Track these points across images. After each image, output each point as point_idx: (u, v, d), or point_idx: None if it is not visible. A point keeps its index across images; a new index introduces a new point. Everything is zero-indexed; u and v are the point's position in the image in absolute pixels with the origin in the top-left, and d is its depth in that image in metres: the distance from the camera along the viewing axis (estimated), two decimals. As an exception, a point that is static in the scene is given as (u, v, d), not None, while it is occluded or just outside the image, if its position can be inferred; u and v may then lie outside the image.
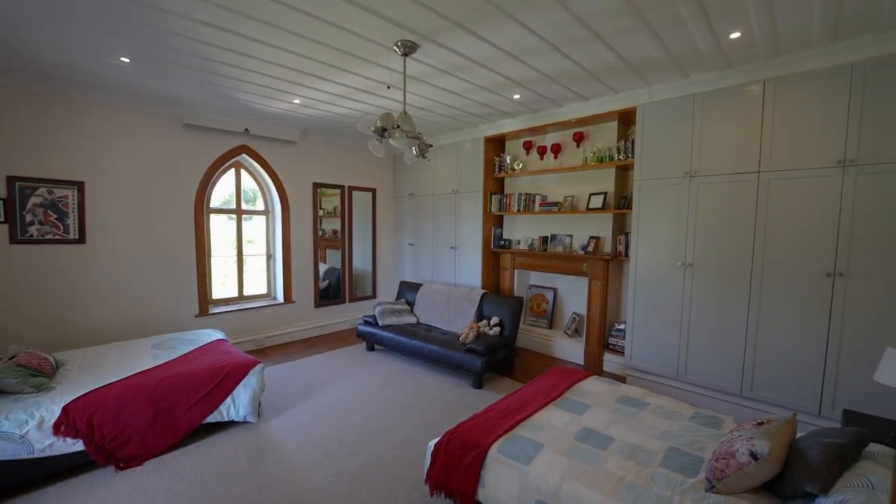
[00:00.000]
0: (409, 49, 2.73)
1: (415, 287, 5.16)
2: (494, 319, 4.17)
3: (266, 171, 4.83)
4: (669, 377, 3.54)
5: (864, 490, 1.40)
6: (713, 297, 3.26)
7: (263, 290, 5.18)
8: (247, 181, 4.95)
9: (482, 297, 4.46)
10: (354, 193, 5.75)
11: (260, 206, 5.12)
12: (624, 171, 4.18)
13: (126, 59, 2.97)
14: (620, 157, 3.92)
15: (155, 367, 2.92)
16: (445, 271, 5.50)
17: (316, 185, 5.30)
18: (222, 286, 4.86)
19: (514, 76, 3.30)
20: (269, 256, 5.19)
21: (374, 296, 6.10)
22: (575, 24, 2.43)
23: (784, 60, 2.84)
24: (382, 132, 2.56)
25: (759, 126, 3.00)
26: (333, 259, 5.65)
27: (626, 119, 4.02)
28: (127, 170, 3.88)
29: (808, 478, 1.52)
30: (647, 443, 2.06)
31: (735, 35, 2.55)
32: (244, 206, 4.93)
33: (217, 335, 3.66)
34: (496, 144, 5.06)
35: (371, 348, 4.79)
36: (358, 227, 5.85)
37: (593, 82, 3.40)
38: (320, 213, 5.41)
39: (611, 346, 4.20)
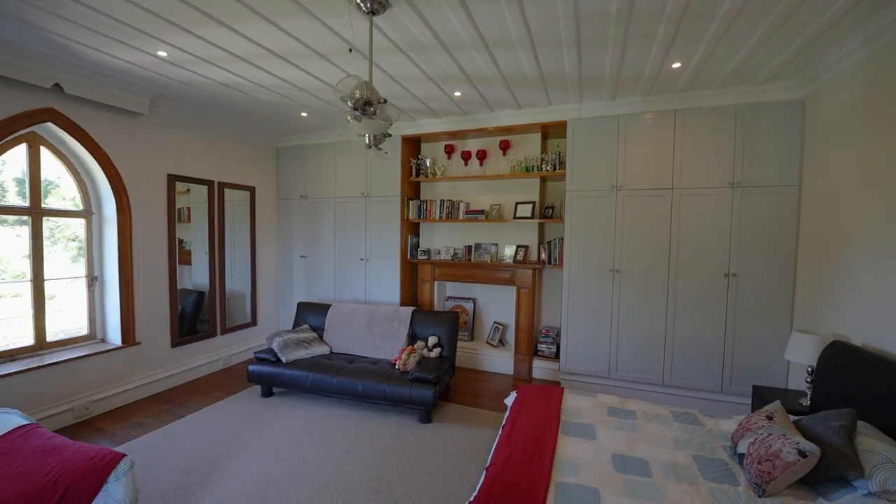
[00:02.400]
0: (378, 6, 2.12)
1: (320, 309, 4.25)
2: (432, 339, 3.73)
3: (90, 153, 3.21)
4: (602, 376, 3.78)
5: (892, 465, 1.60)
6: (638, 299, 3.62)
7: (82, 331, 3.44)
8: (48, 166, 3.20)
9: (413, 315, 3.95)
10: (227, 192, 4.43)
11: (70, 202, 3.39)
12: (548, 182, 4.34)
13: None
14: (547, 168, 4.04)
15: None
16: (353, 287, 4.74)
17: (172, 179, 3.84)
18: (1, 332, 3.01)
19: (470, 70, 3.00)
20: (94, 280, 3.48)
21: (253, 323, 4.82)
22: (566, 20, 2.29)
23: (690, 95, 3.35)
24: (365, 107, 1.89)
25: (671, 149, 3.46)
26: (187, 278, 4.17)
27: (548, 132, 4.18)
28: None
29: (846, 465, 1.67)
30: (673, 456, 2.02)
31: (676, 65, 2.86)
32: (46, 204, 3.17)
33: (15, 418, 2.16)
34: (412, 145, 4.64)
35: (268, 393, 3.69)
36: (231, 235, 4.52)
37: (537, 90, 3.38)
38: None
39: (539, 353, 4.28)
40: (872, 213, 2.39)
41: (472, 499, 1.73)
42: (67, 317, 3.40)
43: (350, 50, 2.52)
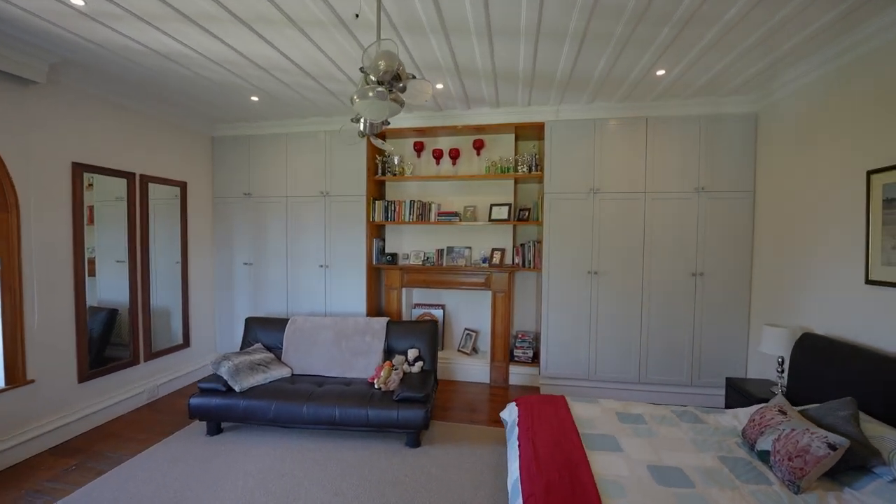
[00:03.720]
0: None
1: (275, 324, 3.68)
2: (413, 352, 3.41)
3: (-45, 129, 2.37)
4: (582, 378, 3.78)
5: (906, 451, 1.72)
6: (615, 300, 3.69)
7: (-60, 372, 2.52)
8: None
9: (387, 326, 3.59)
10: (152, 188, 3.64)
11: (-76, 198, 2.47)
12: (519, 184, 4.28)
13: None
14: (523, 169, 3.97)
15: None
16: (310, 298, 4.21)
17: (80, 168, 3.03)
18: None
19: (463, 60, 2.79)
20: (-41, 301, 2.57)
21: (185, 344, 4.03)
22: (581, 11, 2.20)
23: (660, 103, 3.51)
24: (393, 83, 1.55)
25: (643, 154, 3.59)
26: (90, 292, 3.29)
27: (522, 133, 4.11)
28: None
29: (868, 453, 1.76)
30: (700, 460, 2.00)
31: (661, 72, 2.94)
32: None
33: None
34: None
35: (216, 430, 3.07)
36: (153, 240, 3.73)
37: (523, 88, 3.28)
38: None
39: (515, 359, 4.18)
40: (821, 217, 2.66)
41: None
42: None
43: (357, 15, 2.13)
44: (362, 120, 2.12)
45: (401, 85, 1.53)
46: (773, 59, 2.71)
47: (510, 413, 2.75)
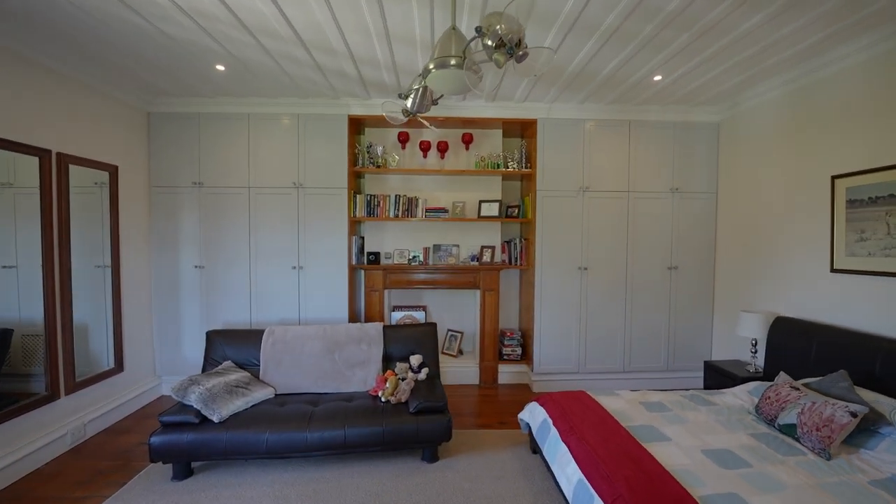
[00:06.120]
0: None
1: (247, 338, 3.12)
2: (416, 359, 3.15)
3: None
4: (573, 372, 3.88)
5: (904, 413, 2.02)
6: (602, 294, 3.85)
7: None
8: None
9: (384, 331, 3.27)
10: (74, 171, 2.83)
11: None
12: (504, 181, 4.24)
13: None
14: (513, 166, 3.94)
15: None
16: (281, 304, 3.68)
17: (-27, 140, 2.21)
18: None
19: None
20: None
21: (118, 368, 3.22)
22: (624, 7, 2.21)
23: (642, 108, 3.75)
24: (513, 49, 1.33)
25: (627, 156, 3.80)
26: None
27: (508, 129, 4.09)
28: None
29: (875, 417, 2.03)
30: (739, 440, 2.13)
31: (657, 78, 3.12)
32: None
33: None
34: (354, 127, 3.89)
35: (186, 473, 2.48)
36: (80, 237, 2.91)
37: (529, 80, 3.21)
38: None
39: (505, 357, 4.13)
40: (787, 215, 3.07)
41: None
42: None
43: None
44: (411, 97, 1.86)
45: (521, 52, 1.33)
46: (749, 75, 3.04)
47: (533, 414, 2.68)
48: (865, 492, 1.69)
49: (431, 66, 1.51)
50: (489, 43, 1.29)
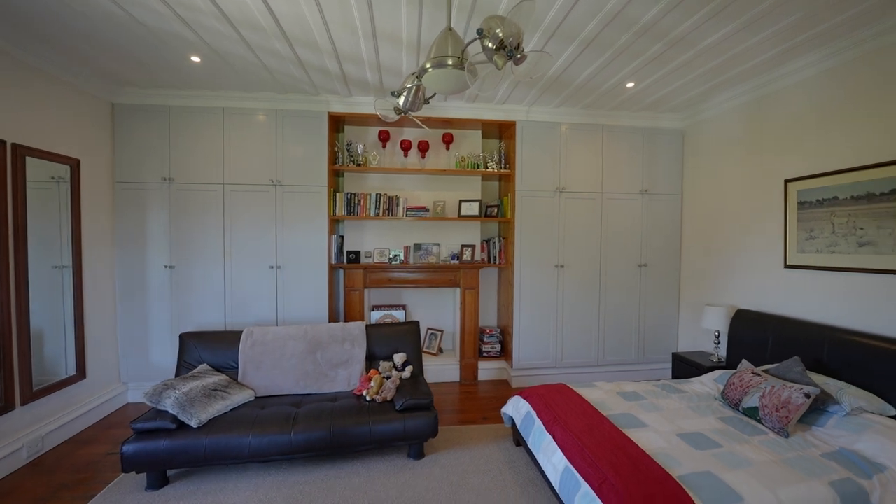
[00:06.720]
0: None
1: (223, 339, 3.02)
2: (400, 357, 3.15)
3: None
4: (550, 367, 4.00)
5: (845, 390, 2.24)
6: (577, 291, 4.00)
7: None
8: None
9: (366, 331, 3.25)
10: (31, 164, 2.63)
11: None
12: (485, 181, 4.32)
13: None
14: (492, 166, 4.02)
15: None
16: (258, 305, 3.57)
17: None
18: None
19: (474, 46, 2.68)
20: None
21: (80, 376, 3.02)
22: (602, 18, 2.33)
23: (613, 114, 3.93)
24: (513, 51, 1.37)
25: (600, 158, 3.98)
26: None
27: (487, 130, 4.16)
28: None
29: (825, 397, 2.24)
30: (709, 424, 2.29)
31: (630, 84, 3.29)
32: None
33: None
34: (333, 125, 3.84)
35: (161, 482, 2.36)
36: (35, 236, 2.71)
37: (510, 83, 3.30)
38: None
39: (484, 354, 4.20)
40: (745, 216, 3.33)
41: None
42: None
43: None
44: (404, 96, 1.88)
45: (519, 56, 1.38)
46: (712, 85, 3.27)
47: (517, 407, 2.76)
48: (819, 463, 1.87)
49: (428, 66, 1.54)
50: (489, 45, 1.35)
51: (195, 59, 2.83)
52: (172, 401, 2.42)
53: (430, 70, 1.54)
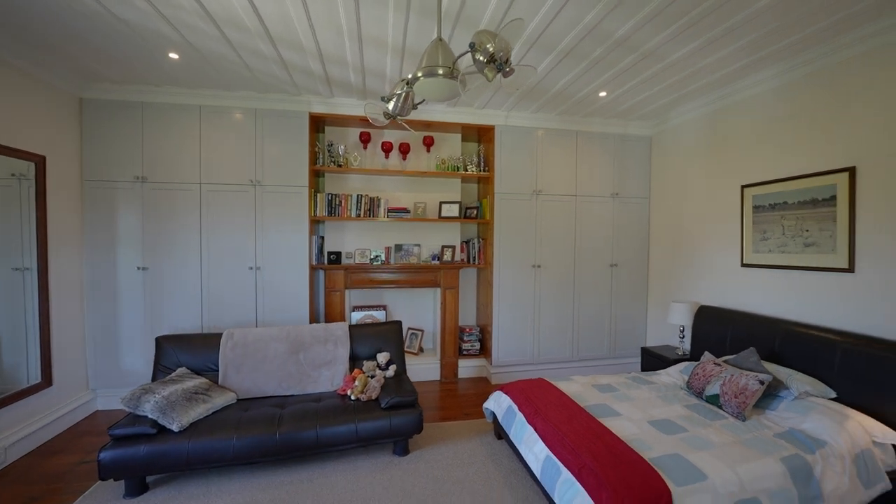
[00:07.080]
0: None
1: (202, 342, 2.96)
2: (384, 356, 3.19)
3: None
4: (528, 363, 4.14)
5: (793, 376, 2.47)
6: (553, 289, 4.16)
7: None
8: None
9: (350, 331, 3.27)
10: (-8, 160, 2.50)
11: None
12: (464, 183, 4.41)
13: None
14: (472, 169, 4.12)
15: None
16: (237, 306, 3.51)
17: None
18: None
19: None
20: None
21: (46, 383, 2.88)
22: (579, 32, 2.47)
23: (586, 120, 4.12)
24: (502, 65, 1.45)
25: (574, 163, 4.16)
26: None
27: (466, 134, 4.26)
28: None
29: (776, 383, 2.46)
30: (676, 411, 2.47)
31: (602, 94, 3.47)
32: None
33: None
34: (314, 125, 3.83)
35: (140, 489, 2.31)
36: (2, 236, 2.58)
37: (490, 89, 3.41)
38: None
39: (464, 353, 4.29)
40: (707, 218, 3.58)
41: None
42: None
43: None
44: (393, 100, 1.94)
45: (508, 69, 1.47)
46: (678, 96, 3.50)
47: (498, 402, 2.86)
48: (772, 443, 2.07)
49: (420, 74, 1.61)
50: (480, 58, 1.43)
51: (173, 55, 2.76)
52: (152, 405, 2.36)
53: (421, 78, 1.61)
